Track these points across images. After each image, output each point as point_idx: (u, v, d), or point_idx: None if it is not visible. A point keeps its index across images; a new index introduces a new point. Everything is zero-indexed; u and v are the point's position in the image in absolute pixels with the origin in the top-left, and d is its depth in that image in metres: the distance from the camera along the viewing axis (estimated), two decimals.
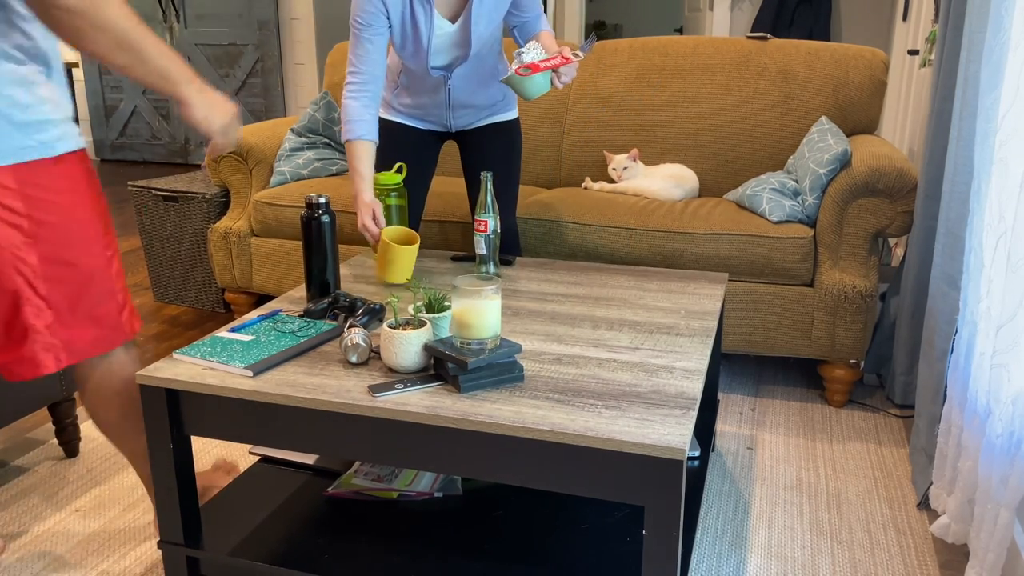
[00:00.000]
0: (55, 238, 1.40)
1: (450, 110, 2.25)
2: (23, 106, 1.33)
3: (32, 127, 1.34)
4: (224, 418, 1.45)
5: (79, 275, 1.46)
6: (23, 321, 1.41)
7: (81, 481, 2.12)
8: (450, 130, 2.33)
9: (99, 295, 1.49)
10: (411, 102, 2.28)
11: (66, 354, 1.47)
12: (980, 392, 1.69)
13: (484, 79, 2.23)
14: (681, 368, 1.49)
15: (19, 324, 1.42)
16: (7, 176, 1.32)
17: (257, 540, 1.57)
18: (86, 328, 1.49)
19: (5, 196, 1.33)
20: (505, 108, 2.33)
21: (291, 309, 1.78)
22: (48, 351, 1.45)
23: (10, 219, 1.34)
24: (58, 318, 1.44)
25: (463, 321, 1.38)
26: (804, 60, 2.93)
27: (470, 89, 2.22)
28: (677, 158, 3.01)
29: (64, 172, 1.40)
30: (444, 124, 2.31)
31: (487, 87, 2.25)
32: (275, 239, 2.95)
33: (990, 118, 1.70)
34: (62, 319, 1.45)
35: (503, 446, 1.30)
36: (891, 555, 1.83)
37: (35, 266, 1.39)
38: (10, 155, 1.32)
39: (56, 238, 1.41)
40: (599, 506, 1.67)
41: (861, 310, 2.43)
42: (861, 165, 2.40)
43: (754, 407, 2.54)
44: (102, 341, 1.52)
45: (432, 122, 2.31)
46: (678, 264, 2.53)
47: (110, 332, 1.53)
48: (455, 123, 2.30)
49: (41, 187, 1.37)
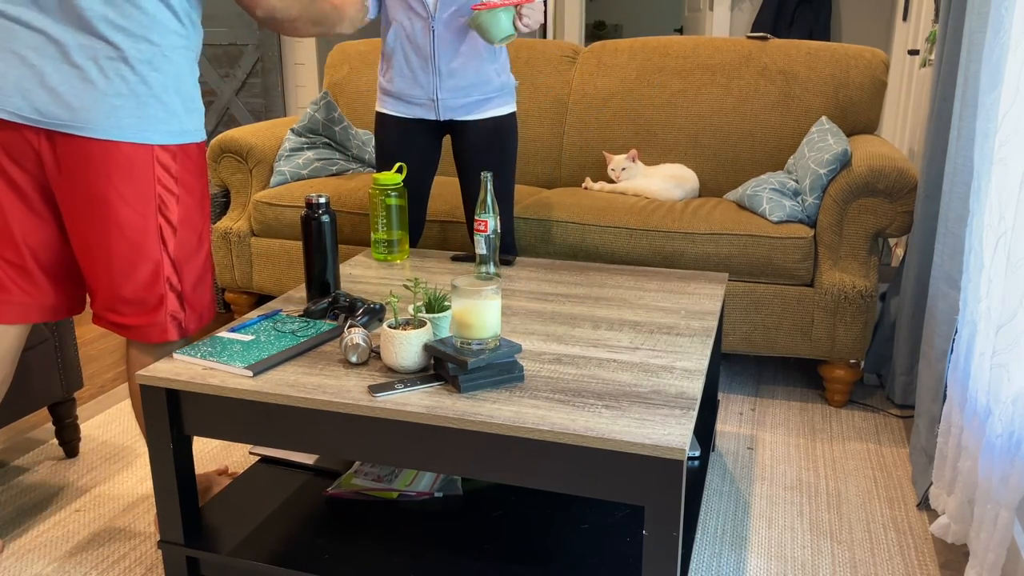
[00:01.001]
0: (190, 218, 1.58)
1: (437, 76, 2.21)
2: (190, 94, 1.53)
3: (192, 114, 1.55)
4: (224, 418, 1.45)
5: (200, 256, 1.62)
6: (160, 289, 1.58)
7: (81, 481, 2.12)
8: (439, 116, 2.27)
9: (206, 277, 1.66)
10: (400, 83, 2.26)
11: (185, 326, 1.63)
12: (980, 392, 1.69)
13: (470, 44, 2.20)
14: (681, 368, 1.49)
15: (157, 291, 1.58)
16: (167, 154, 1.51)
17: (257, 540, 1.57)
18: (196, 306, 1.65)
19: (165, 171, 1.51)
20: (501, 102, 2.31)
21: (291, 309, 1.78)
22: (174, 321, 1.62)
23: (168, 193, 1.52)
24: (185, 291, 1.61)
25: (463, 321, 1.38)
26: (804, 60, 2.93)
27: (455, 48, 2.19)
28: (677, 158, 3.01)
29: (199, 158, 1.58)
30: (432, 99, 2.25)
31: (472, 59, 2.22)
32: (275, 239, 2.95)
33: (990, 118, 1.70)
34: (187, 293, 1.61)
35: (503, 446, 1.30)
36: (891, 555, 1.83)
37: (176, 241, 1.57)
38: (175, 135, 1.51)
39: (191, 218, 1.58)
40: (599, 506, 1.67)
41: (861, 310, 2.43)
42: (861, 165, 2.40)
43: (754, 407, 2.54)
44: (204, 315, 1.68)
45: (423, 104, 2.27)
46: (678, 264, 2.53)
47: (206, 312, 1.69)
48: (444, 101, 2.25)
49: (187, 169, 1.55)
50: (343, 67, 3.46)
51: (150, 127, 1.50)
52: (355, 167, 3.23)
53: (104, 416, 2.46)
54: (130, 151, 1.49)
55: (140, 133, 1.49)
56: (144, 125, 1.49)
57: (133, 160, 1.50)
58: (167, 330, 1.63)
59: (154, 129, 1.50)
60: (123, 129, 1.47)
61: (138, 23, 1.47)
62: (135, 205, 1.52)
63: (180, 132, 1.54)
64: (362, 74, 3.41)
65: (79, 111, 1.45)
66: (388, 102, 2.32)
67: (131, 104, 1.47)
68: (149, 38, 1.48)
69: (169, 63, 1.51)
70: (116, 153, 1.49)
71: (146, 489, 2.08)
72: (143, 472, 2.16)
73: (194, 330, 1.68)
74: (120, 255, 1.55)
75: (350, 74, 3.43)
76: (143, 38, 1.48)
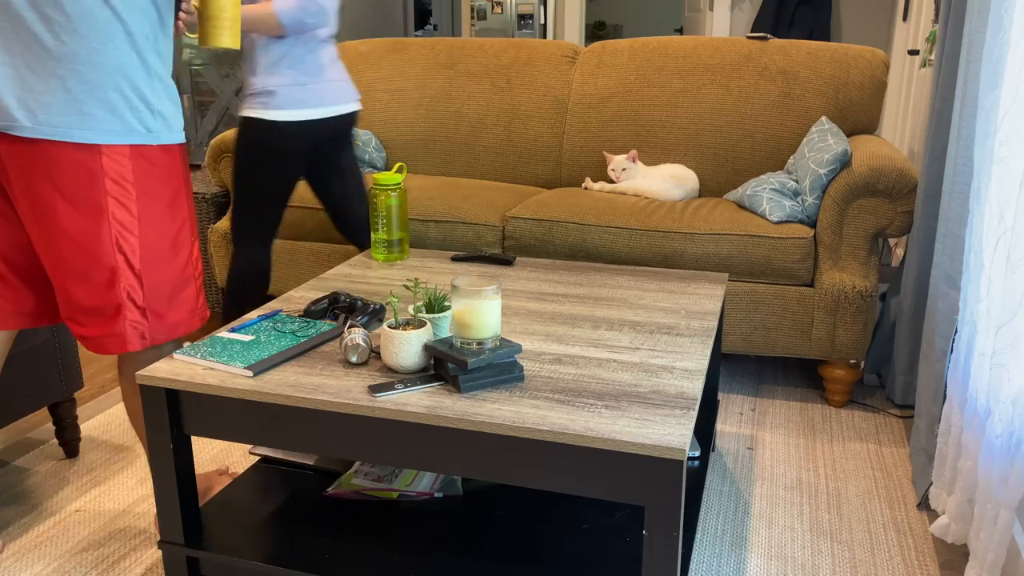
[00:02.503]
0: (155, 222, 1.48)
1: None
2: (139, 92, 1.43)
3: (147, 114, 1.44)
4: (224, 418, 1.45)
5: (173, 264, 1.54)
6: (117, 297, 1.48)
7: (81, 481, 2.12)
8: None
9: (182, 281, 1.57)
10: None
11: (151, 334, 1.55)
12: (980, 392, 1.69)
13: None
14: (681, 368, 1.49)
15: (113, 300, 1.49)
16: (120, 156, 1.42)
17: (257, 540, 1.57)
18: (169, 312, 1.56)
19: (115, 174, 1.42)
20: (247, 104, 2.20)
21: (291, 309, 1.78)
22: (136, 329, 1.53)
23: (122, 197, 1.42)
24: (148, 298, 1.52)
25: (463, 321, 1.38)
26: (804, 60, 2.93)
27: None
28: (677, 158, 3.01)
29: (169, 161, 1.49)
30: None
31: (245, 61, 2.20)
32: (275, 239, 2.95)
33: (990, 118, 1.70)
34: (152, 300, 1.53)
35: (503, 446, 1.30)
36: (891, 555, 1.83)
37: (135, 246, 1.47)
38: (126, 135, 1.42)
39: (156, 222, 1.48)
40: (599, 506, 1.67)
41: (861, 310, 2.42)
42: (861, 165, 2.40)
43: (754, 407, 2.54)
44: (180, 325, 1.60)
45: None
46: (678, 264, 2.53)
47: (188, 317, 1.61)
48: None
49: (148, 172, 1.46)
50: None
51: (92, 126, 1.40)
52: None
53: (104, 416, 2.46)
54: (73, 152, 1.40)
55: (80, 132, 1.40)
56: (85, 123, 1.40)
57: (76, 162, 1.41)
58: (126, 341, 1.54)
59: (97, 128, 1.41)
60: (57, 127, 1.38)
61: (63, 13, 1.37)
62: (83, 209, 1.43)
63: (129, 132, 1.45)
64: (362, 74, 3.41)
65: (15, 111, 1.38)
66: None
67: (60, 100, 1.38)
68: (76, 29, 1.38)
69: (103, 56, 1.40)
70: (58, 154, 1.40)
71: (146, 489, 2.08)
72: (143, 472, 2.16)
73: (165, 340, 1.60)
74: (72, 261, 1.47)
75: (350, 74, 3.44)
76: (71, 30, 1.37)
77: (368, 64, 3.42)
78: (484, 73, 3.28)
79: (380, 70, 3.40)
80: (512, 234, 2.67)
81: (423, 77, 3.34)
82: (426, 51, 3.39)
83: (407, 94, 3.34)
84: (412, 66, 3.37)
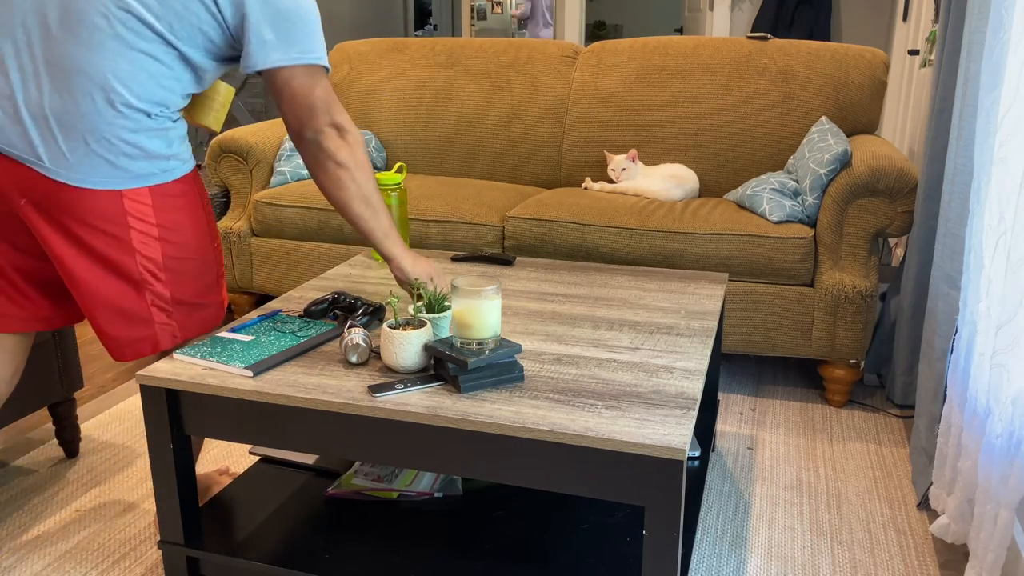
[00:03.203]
0: (176, 238, 1.62)
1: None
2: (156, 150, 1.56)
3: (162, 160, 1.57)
4: (224, 418, 1.45)
5: (194, 266, 1.66)
6: (145, 306, 1.61)
7: (81, 481, 2.12)
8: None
9: (208, 282, 1.70)
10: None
11: (181, 333, 1.67)
12: (980, 392, 1.69)
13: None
14: (681, 368, 1.49)
15: (143, 308, 1.61)
16: (143, 195, 1.55)
17: (257, 540, 1.57)
18: (197, 310, 1.68)
19: (141, 210, 1.56)
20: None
21: (291, 309, 1.78)
22: (165, 330, 1.65)
23: (143, 228, 1.56)
24: (175, 302, 1.64)
25: (463, 321, 1.38)
26: (804, 60, 2.93)
27: None
28: (677, 158, 3.01)
29: (182, 189, 1.62)
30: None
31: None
32: (275, 239, 2.95)
33: (990, 118, 1.70)
34: (179, 303, 1.65)
35: (503, 446, 1.30)
36: (891, 555, 1.83)
37: (158, 260, 1.60)
38: (145, 180, 1.55)
39: (177, 238, 1.62)
40: (599, 506, 1.67)
41: (861, 310, 2.43)
42: (861, 165, 2.40)
43: (754, 407, 2.54)
44: (208, 320, 1.71)
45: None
46: (678, 264, 2.53)
47: (216, 311, 1.73)
48: None
49: (166, 202, 1.59)
50: (343, 67, 3.46)
51: (112, 175, 1.51)
52: None
53: (104, 416, 2.46)
54: (96, 194, 1.51)
55: (102, 181, 1.51)
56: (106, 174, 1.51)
57: (99, 202, 1.51)
58: (158, 342, 1.63)
59: (117, 178, 1.52)
60: (77, 175, 1.49)
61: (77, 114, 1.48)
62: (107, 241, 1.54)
63: (148, 177, 1.55)
64: (362, 74, 3.42)
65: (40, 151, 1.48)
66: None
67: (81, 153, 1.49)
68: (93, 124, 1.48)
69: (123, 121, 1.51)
70: (81, 194, 1.50)
71: (146, 489, 2.08)
72: (143, 472, 2.16)
73: (203, 330, 1.69)
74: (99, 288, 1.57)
75: (350, 74, 3.44)
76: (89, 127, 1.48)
77: (368, 64, 3.42)
78: (484, 73, 3.28)
79: (380, 70, 3.40)
80: (512, 234, 2.67)
81: (423, 77, 3.34)
82: (426, 51, 3.39)
83: (407, 94, 3.34)
84: (412, 66, 3.37)
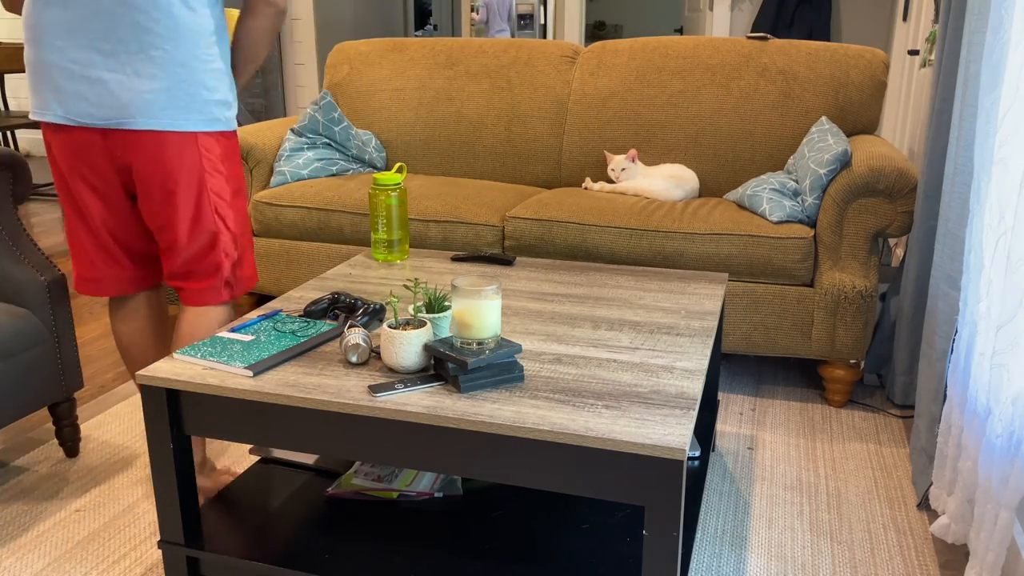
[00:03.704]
0: (234, 191, 1.80)
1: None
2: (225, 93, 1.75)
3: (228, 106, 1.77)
4: (224, 418, 1.45)
5: (244, 226, 1.84)
6: (216, 256, 1.78)
7: (81, 481, 2.12)
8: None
9: (248, 243, 1.87)
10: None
11: (237, 288, 1.84)
12: (980, 392, 1.69)
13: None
14: (681, 368, 1.49)
15: (213, 258, 1.78)
16: (212, 139, 1.74)
17: (257, 540, 1.57)
18: (242, 268, 1.84)
19: (213, 154, 1.75)
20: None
21: (291, 309, 1.78)
22: (227, 284, 1.82)
23: (216, 171, 1.75)
24: (238, 256, 1.82)
25: (463, 321, 1.38)
26: (804, 60, 2.93)
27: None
28: (677, 158, 3.01)
29: (234, 145, 1.81)
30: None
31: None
32: (275, 239, 2.95)
33: (990, 118, 1.70)
34: (239, 258, 1.83)
35: (503, 446, 1.30)
36: (891, 555, 1.83)
37: (230, 214, 1.79)
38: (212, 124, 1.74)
39: (235, 191, 1.80)
40: (599, 506, 1.67)
41: (861, 310, 2.43)
42: (861, 165, 2.40)
43: (754, 407, 2.54)
44: (250, 279, 1.87)
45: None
46: (678, 264, 2.53)
47: (252, 273, 1.88)
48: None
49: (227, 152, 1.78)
50: (343, 67, 3.46)
51: (188, 118, 1.70)
52: (355, 167, 3.23)
53: (104, 416, 2.46)
54: (176, 138, 1.69)
55: (181, 123, 1.69)
56: (184, 116, 1.69)
57: (180, 146, 1.70)
58: (220, 294, 1.81)
59: (191, 120, 1.70)
60: (162, 120, 1.67)
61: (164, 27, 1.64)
62: (188, 184, 1.72)
63: (214, 122, 1.74)
64: (362, 74, 3.41)
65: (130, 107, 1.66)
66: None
67: (163, 99, 1.66)
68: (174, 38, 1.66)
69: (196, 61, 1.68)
70: (165, 140, 1.69)
71: (146, 489, 2.08)
72: (143, 472, 2.16)
73: (240, 293, 1.86)
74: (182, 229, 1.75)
75: (350, 74, 3.44)
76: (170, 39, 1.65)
77: (368, 64, 3.42)
78: (484, 73, 3.28)
79: (380, 70, 3.40)
80: (512, 234, 2.67)
81: (423, 77, 3.34)
82: (426, 51, 3.39)
83: (407, 94, 3.34)
84: (412, 66, 3.37)
